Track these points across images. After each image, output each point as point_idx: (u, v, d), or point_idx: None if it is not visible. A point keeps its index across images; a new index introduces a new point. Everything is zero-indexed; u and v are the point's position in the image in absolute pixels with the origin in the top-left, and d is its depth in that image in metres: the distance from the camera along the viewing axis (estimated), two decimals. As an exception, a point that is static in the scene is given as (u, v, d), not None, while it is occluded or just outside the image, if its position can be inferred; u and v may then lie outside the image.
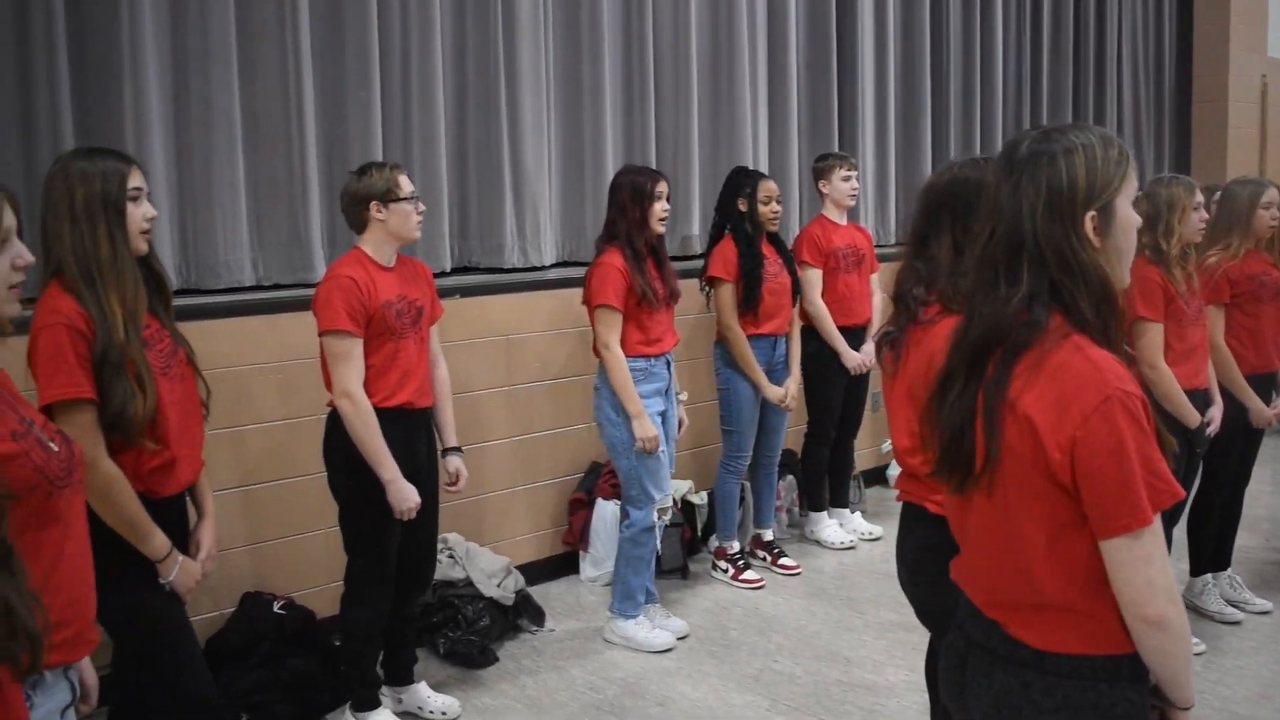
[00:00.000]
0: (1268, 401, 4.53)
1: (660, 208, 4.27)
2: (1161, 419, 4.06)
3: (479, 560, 4.49)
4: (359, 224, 3.57)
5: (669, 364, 4.42)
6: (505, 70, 5.08)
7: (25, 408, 1.91)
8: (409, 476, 3.52)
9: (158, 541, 2.67)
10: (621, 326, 4.24)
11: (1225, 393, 4.40)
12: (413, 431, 3.61)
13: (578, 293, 4.46)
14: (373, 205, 3.53)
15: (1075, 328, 1.74)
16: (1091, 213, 1.75)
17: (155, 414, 2.62)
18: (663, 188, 4.30)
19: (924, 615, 2.72)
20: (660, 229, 4.32)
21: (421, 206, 3.58)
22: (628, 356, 4.24)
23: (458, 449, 3.83)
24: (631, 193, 4.26)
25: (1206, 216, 4.19)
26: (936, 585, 2.13)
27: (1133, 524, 1.66)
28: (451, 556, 4.47)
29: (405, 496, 3.48)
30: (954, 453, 1.84)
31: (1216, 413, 4.29)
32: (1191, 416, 4.08)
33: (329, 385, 3.49)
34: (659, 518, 4.34)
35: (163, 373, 2.68)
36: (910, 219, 2.77)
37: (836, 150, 6.30)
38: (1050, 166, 1.76)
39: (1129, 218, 1.79)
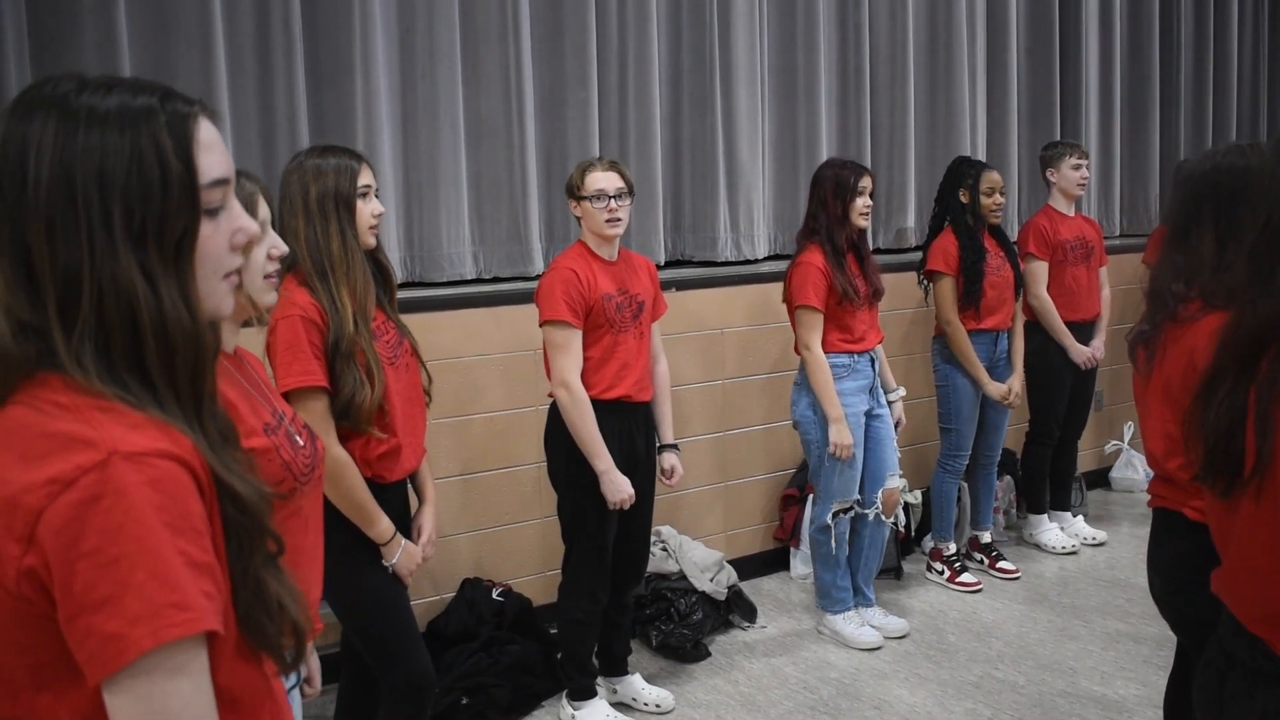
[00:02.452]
0: None
1: (862, 203, 4.18)
2: None
3: (692, 554, 4.49)
4: (578, 218, 3.62)
5: (873, 361, 4.33)
6: (720, 64, 5.08)
7: (279, 400, 1.99)
8: (626, 469, 3.55)
9: (383, 525, 2.76)
10: (822, 326, 4.17)
11: None
12: (630, 424, 3.63)
13: (789, 287, 4.41)
14: (570, 201, 3.59)
15: None
16: None
17: (383, 402, 2.71)
18: (866, 182, 4.20)
19: (1180, 628, 2.56)
20: (863, 224, 4.22)
21: (612, 205, 3.52)
22: (829, 353, 4.18)
23: (674, 446, 3.84)
24: (834, 187, 4.18)
25: None
26: (1194, 596, 2.00)
27: None
28: (665, 550, 4.49)
29: (619, 488, 3.50)
30: (1221, 456, 1.72)
31: None
32: None
33: (550, 375, 3.55)
34: (834, 518, 4.27)
35: (389, 363, 2.77)
36: (1168, 210, 2.61)
37: (1059, 139, 6.06)
38: None
39: None
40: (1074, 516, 5.54)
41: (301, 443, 1.97)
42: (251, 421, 1.85)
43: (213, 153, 1.18)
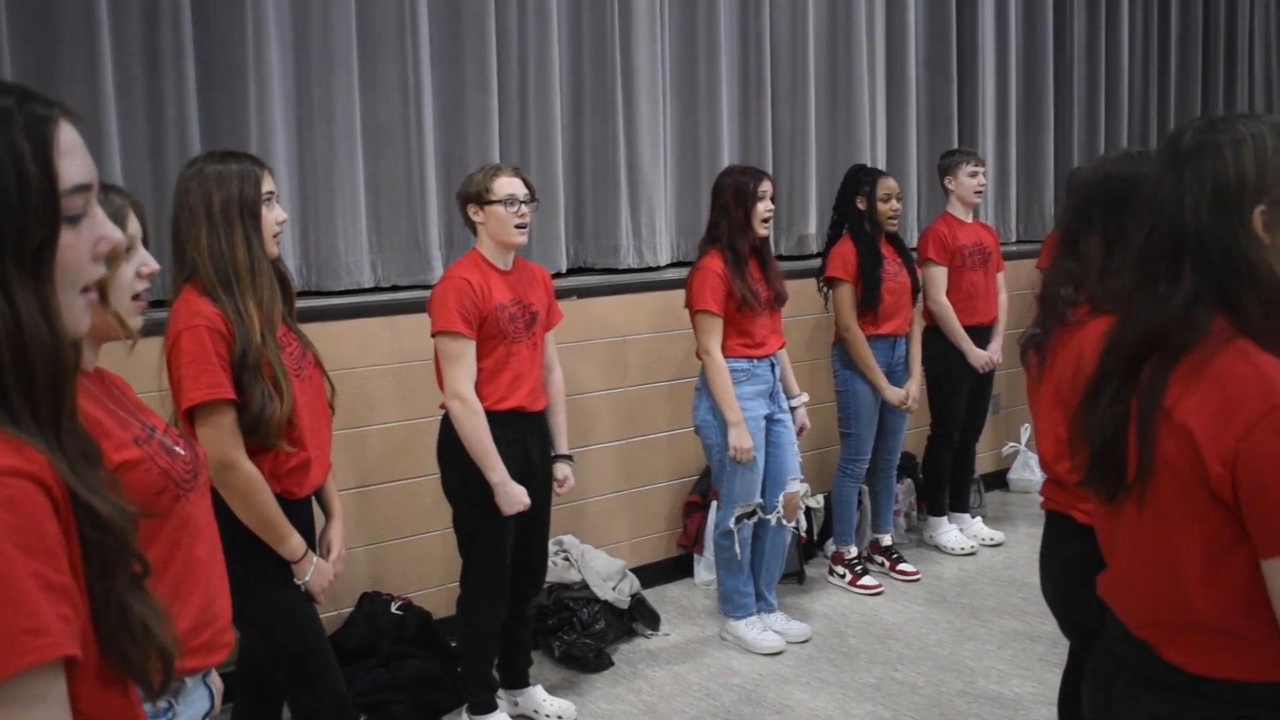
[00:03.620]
0: None
1: (763, 209, 4.20)
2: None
3: (594, 563, 4.47)
4: (471, 225, 3.58)
5: (773, 366, 4.35)
6: (622, 71, 5.07)
7: (146, 414, 1.93)
8: (522, 479, 3.52)
9: (295, 542, 2.70)
10: (722, 331, 4.18)
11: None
12: (525, 435, 3.60)
13: (692, 294, 4.42)
14: (470, 207, 3.53)
15: (1240, 331, 1.63)
16: (1261, 207, 1.62)
17: (291, 415, 2.66)
18: (766, 188, 4.22)
19: (1070, 630, 2.61)
20: (764, 230, 4.24)
21: (523, 211, 3.51)
22: (729, 358, 4.19)
23: (568, 457, 3.82)
24: (735, 193, 4.19)
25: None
26: (1084, 599, 2.03)
27: None
28: (567, 559, 4.47)
29: (514, 499, 3.47)
30: (1104, 462, 1.74)
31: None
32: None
33: (442, 386, 3.50)
34: (737, 523, 4.28)
35: (295, 374, 2.71)
36: (1059, 217, 2.66)
37: (957, 147, 6.17)
38: (1216, 158, 1.64)
39: None
40: (973, 518, 5.63)
41: (180, 451, 1.91)
42: (120, 435, 1.79)
43: (74, 157, 1.13)
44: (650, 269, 5.17)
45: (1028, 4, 6.96)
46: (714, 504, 4.71)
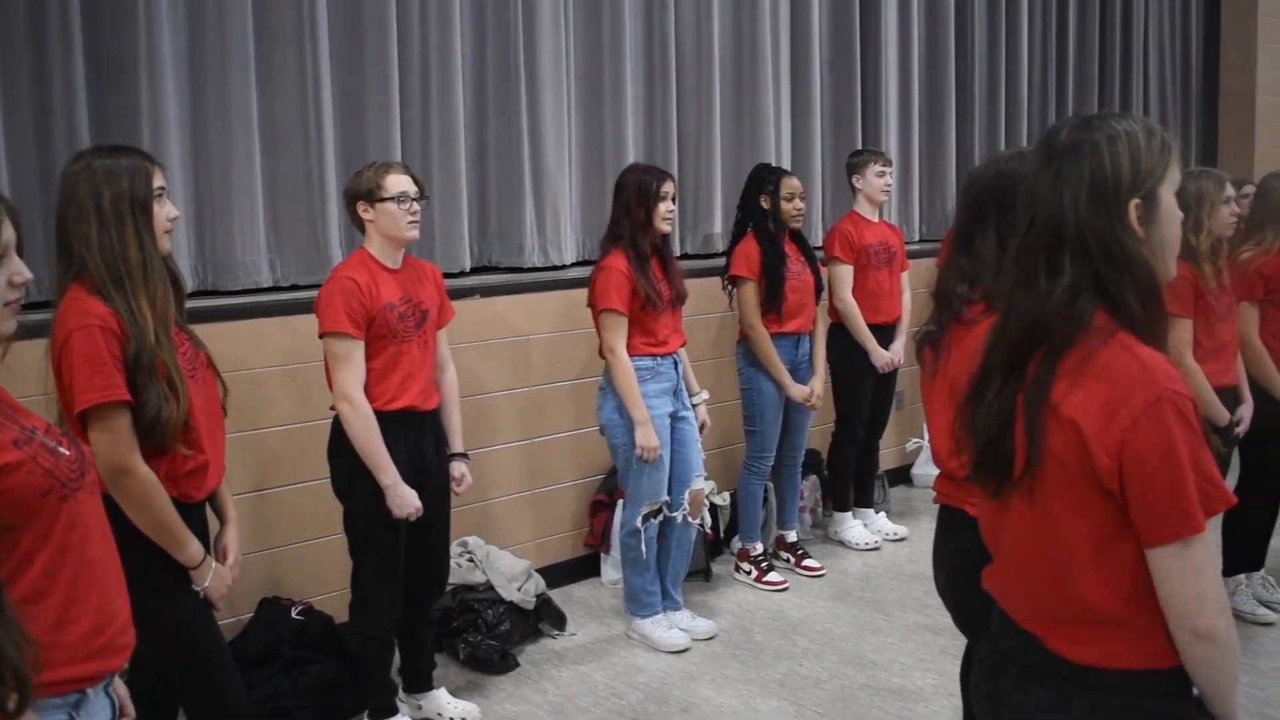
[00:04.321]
0: (1303, 398, 4.44)
1: (665, 208, 4.21)
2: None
3: (499, 564, 4.44)
4: (359, 224, 3.53)
5: (676, 364, 4.36)
6: (525, 69, 5.04)
7: (25, 416, 1.88)
8: (415, 480, 3.49)
9: (193, 548, 2.65)
10: (626, 329, 4.18)
11: (1260, 391, 4.31)
12: (418, 435, 3.57)
13: (598, 293, 4.41)
14: (360, 205, 3.49)
15: (1120, 324, 1.67)
16: (1135, 201, 1.68)
17: (188, 418, 2.60)
18: (669, 187, 4.23)
19: (962, 622, 2.65)
20: (666, 229, 4.25)
21: (414, 207, 3.48)
22: (633, 356, 4.20)
23: (464, 455, 3.79)
24: (637, 192, 4.20)
25: (1237, 211, 4.09)
26: (976, 591, 2.06)
27: (1183, 531, 1.58)
28: (472, 560, 4.44)
29: (405, 501, 3.44)
30: (991, 457, 1.77)
31: (1246, 411, 4.21)
32: (1220, 415, 4.00)
33: (331, 388, 3.46)
34: (644, 521, 4.29)
35: (189, 375, 2.65)
36: (955, 214, 2.70)
37: (861, 146, 6.24)
38: (1093, 154, 1.69)
39: (1173, 208, 1.72)
40: (877, 513, 5.71)
41: (65, 451, 1.86)
42: None
43: None
44: (555, 268, 5.15)
45: (929, 4, 7.06)
46: (620, 503, 4.71)
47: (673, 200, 4.26)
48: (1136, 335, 1.66)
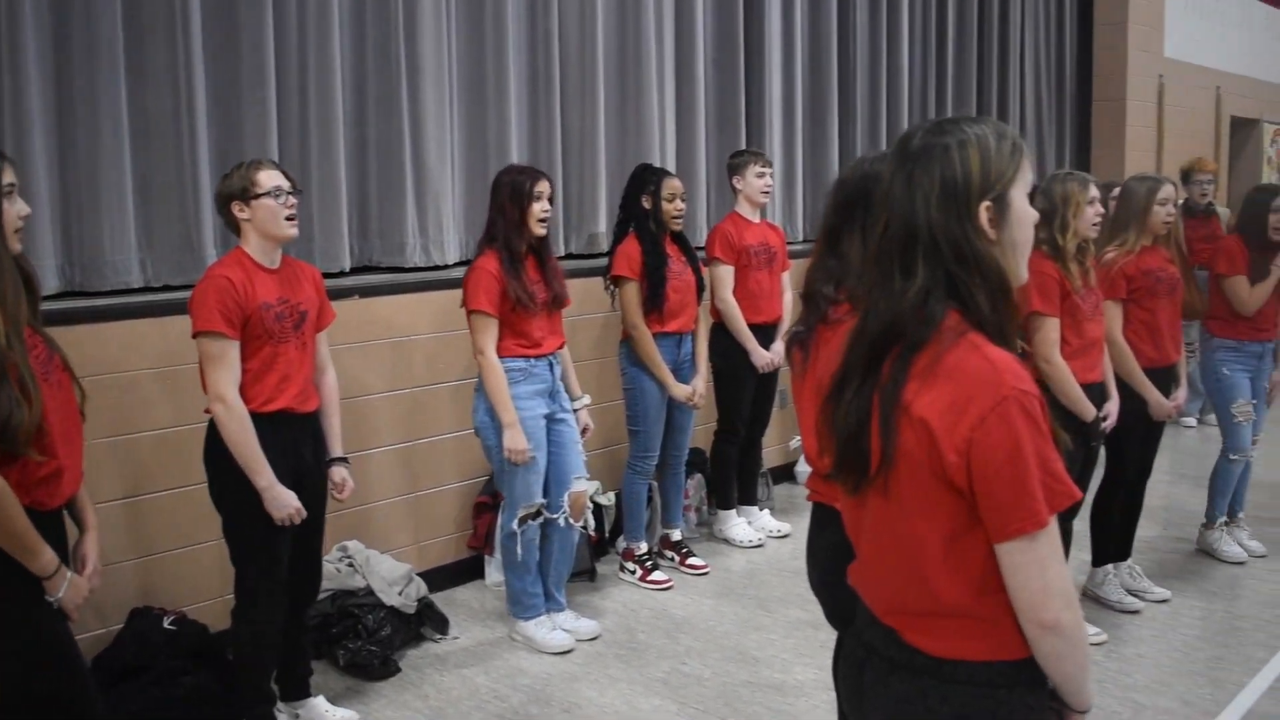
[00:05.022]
0: (1166, 394, 4.61)
1: (540, 208, 4.19)
2: (1057, 414, 4.10)
3: (380, 568, 4.38)
4: (234, 225, 3.46)
5: (552, 365, 4.34)
6: (406, 66, 4.98)
7: None
8: (293, 483, 3.43)
9: (47, 557, 2.56)
10: (498, 331, 4.16)
11: (1125, 387, 4.46)
12: (296, 437, 3.51)
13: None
14: (234, 205, 3.41)
15: (971, 325, 1.70)
16: (986, 203, 1.71)
17: (41, 422, 2.51)
18: (543, 187, 4.21)
19: (833, 617, 2.69)
20: (540, 230, 4.22)
21: (291, 201, 3.43)
22: (505, 357, 4.17)
23: (344, 459, 3.74)
24: (511, 192, 4.18)
25: (1102, 212, 4.22)
26: (844, 587, 2.10)
27: (1028, 526, 1.62)
28: (351, 565, 4.37)
29: (283, 504, 3.38)
30: (849, 455, 1.80)
31: (1113, 407, 4.34)
32: (1087, 411, 4.11)
33: (206, 389, 3.38)
34: (521, 524, 4.27)
35: (43, 379, 2.56)
36: (822, 216, 2.74)
37: (745, 147, 6.30)
38: (944, 157, 1.72)
39: (1024, 210, 1.75)
40: (760, 511, 5.77)
41: None
42: None
43: None
44: (437, 267, 5.10)
45: (812, 7, 7.17)
46: (502, 504, 4.69)
47: (549, 201, 4.24)
48: (986, 335, 1.70)
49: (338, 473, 3.70)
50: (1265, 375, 5.28)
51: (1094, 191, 4.15)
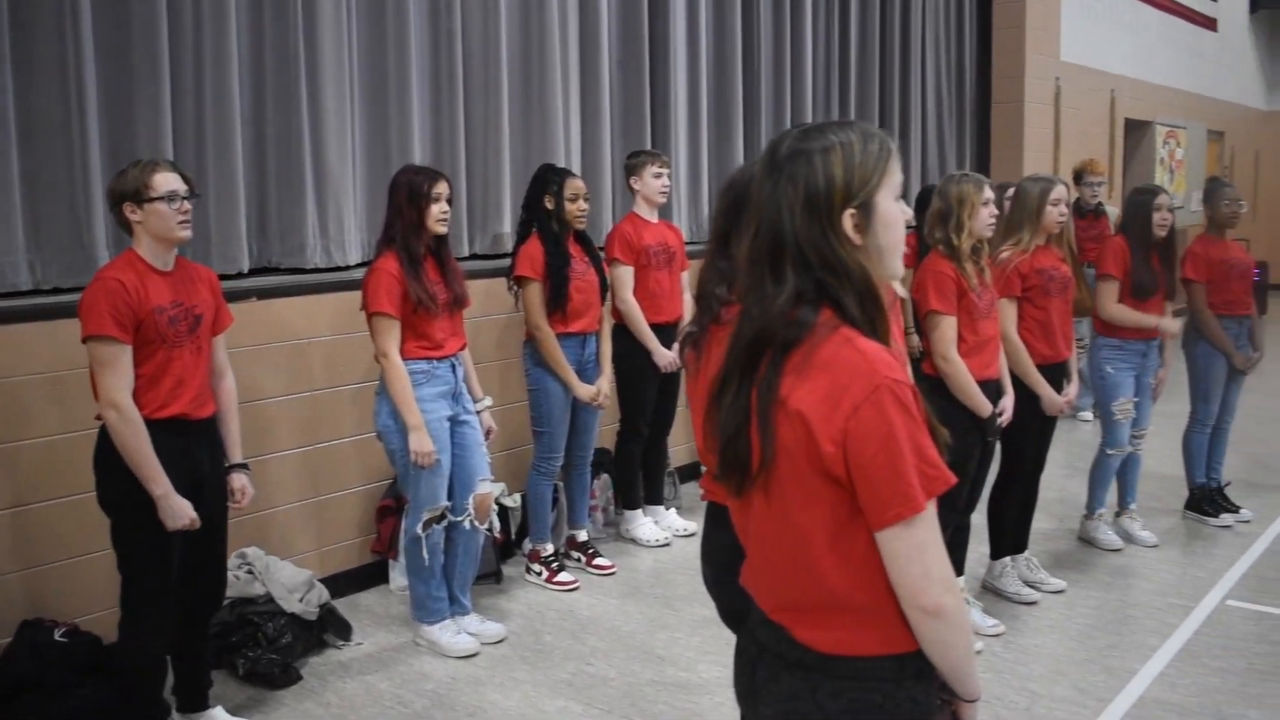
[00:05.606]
0: (1059, 390, 4.72)
1: (438, 209, 4.15)
2: (956, 409, 4.16)
3: (280, 575, 4.31)
4: (126, 225, 3.37)
5: (455, 367, 4.31)
6: (306, 63, 4.91)
7: None
8: (190, 490, 3.36)
9: None
10: (400, 333, 4.12)
11: (1018, 382, 4.55)
12: (192, 444, 3.44)
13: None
14: (126, 206, 3.33)
15: (843, 321, 1.73)
16: (851, 210, 1.72)
17: None
18: (441, 188, 4.18)
19: (727, 617, 2.71)
20: (440, 230, 4.19)
21: (185, 207, 3.36)
22: (408, 359, 4.13)
23: (244, 466, 3.68)
24: (407, 193, 4.14)
25: (996, 212, 4.31)
26: (736, 586, 2.11)
27: (905, 512, 1.65)
28: (251, 572, 4.29)
29: (177, 512, 3.30)
30: (731, 455, 1.81)
31: (1008, 402, 4.43)
32: (984, 407, 4.20)
33: (97, 395, 3.29)
34: (426, 528, 4.24)
35: None
36: (712, 217, 2.74)
37: (649, 147, 6.32)
38: (808, 165, 1.72)
39: (891, 213, 1.76)
40: (667, 510, 5.79)
41: None
42: None
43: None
44: (339, 268, 5.03)
45: (717, 9, 7.21)
46: (406, 508, 4.64)
47: (448, 201, 4.20)
48: (858, 330, 1.73)
49: (237, 480, 3.64)
50: (1150, 372, 5.44)
51: (989, 192, 4.23)
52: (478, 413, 4.42)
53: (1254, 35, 16.61)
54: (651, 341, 5.29)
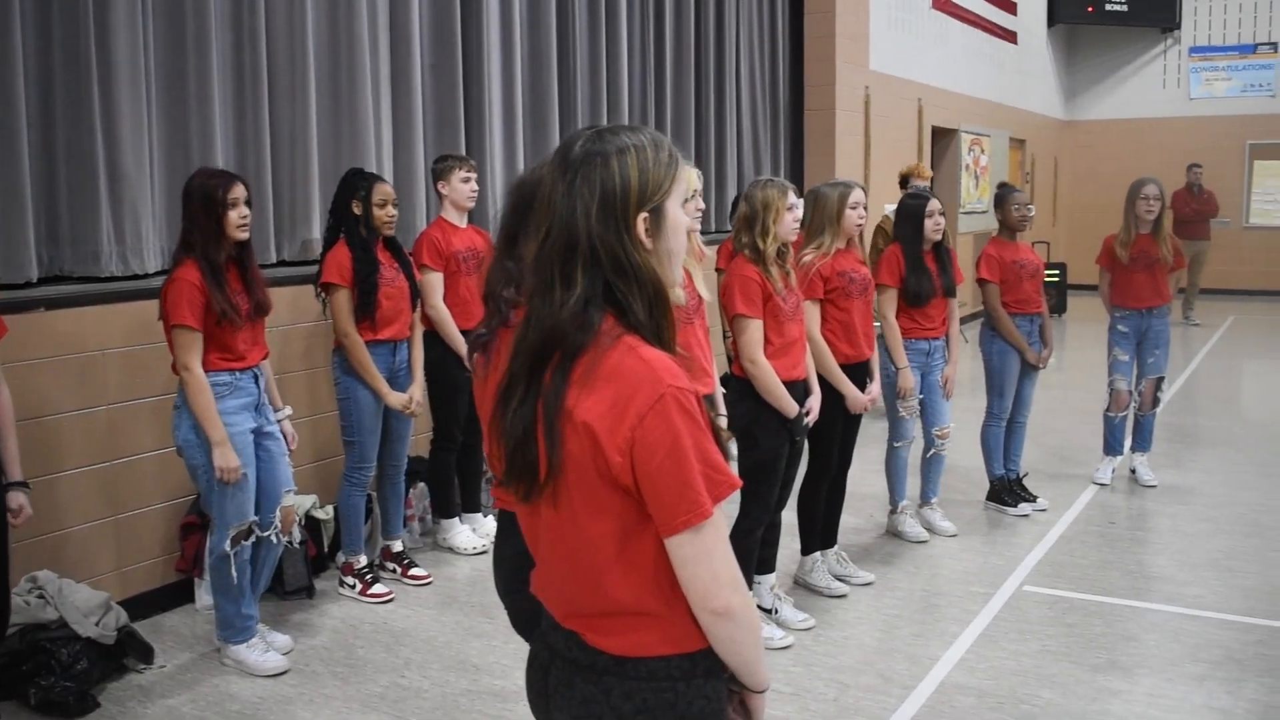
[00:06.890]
0: (862, 389, 4.87)
1: (237, 215, 4.01)
2: (764, 410, 4.23)
3: (74, 598, 4.11)
4: None
5: (257, 378, 4.19)
6: (98, 62, 4.69)
7: None
8: None
9: None
10: (201, 345, 3.98)
11: (824, 382, 4.68)
12: None
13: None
14: None
15: (627, 329, 1.74)
16: (643, 214, 1.74)
17: None
18: (238, 192, 4.03)
19: (517, 624, 2.71)
20: (241, 236, 4.05)
21: None
22: (210, 372, 4.00)
23: (22, 484, 3.51)
24: (202, 200, 3.99)
25: (799, 216, 4.41)
26: (528, 594, 2.11)
27: (693, 519, 1.67)
28: (42, 596, 4.08)
29: None
30: (518, 463, 1.80)
31: (814, 402, 4.55)
32: (790, 407, 4.29)
33: None
34: (234, 545, 4.12)
35: None
36: (499, 218, 2.72)
37: (464, 151, 6.26)
38: (604, 167, 1.74)
39: (678, 219, 1.80)
40: (485, 516, 5.74)
41: None
42: None
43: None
44: (136, 276, 4.84)
45: (531, 10, 7.19)
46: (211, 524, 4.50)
47: (247, 205, 4.07)
48: (642, 338, 1.74)
49: (14, 499, 3.47)
50: (937, 370, 5.64)
51: (793, 198, 4.33)
52: (279, 422, 4.30)
53: (1052, 48, 17.48)
54: (463, 348, 5.22)
